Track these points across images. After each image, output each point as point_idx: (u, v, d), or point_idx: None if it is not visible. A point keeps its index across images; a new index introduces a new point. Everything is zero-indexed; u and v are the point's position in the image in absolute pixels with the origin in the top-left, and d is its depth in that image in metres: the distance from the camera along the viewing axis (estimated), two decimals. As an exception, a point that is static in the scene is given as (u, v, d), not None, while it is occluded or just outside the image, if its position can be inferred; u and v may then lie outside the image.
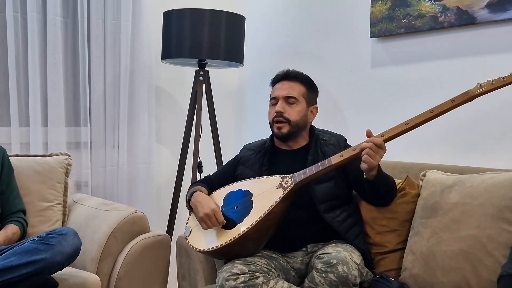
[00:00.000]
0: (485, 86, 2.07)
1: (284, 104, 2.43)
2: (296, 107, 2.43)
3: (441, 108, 2.12)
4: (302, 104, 2.44)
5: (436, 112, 2.12)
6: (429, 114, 2.14)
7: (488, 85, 2.07)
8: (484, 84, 2.07)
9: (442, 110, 2.12)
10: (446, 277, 2.05)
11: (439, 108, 2.12)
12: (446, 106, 2.11)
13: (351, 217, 2.37)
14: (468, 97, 2.09)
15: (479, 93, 2.07)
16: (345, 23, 3.15)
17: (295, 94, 2.44)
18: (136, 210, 2.70)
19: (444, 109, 2.12)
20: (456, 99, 2.11)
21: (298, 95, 2.44)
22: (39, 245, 2.21)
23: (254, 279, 2.13)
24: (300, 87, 2.46)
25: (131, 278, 2.56)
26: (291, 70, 2.50)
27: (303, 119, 2.45)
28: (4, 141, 2.92)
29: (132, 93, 3.42)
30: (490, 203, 2.03)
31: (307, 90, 2.47)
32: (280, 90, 2.46)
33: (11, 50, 3.03)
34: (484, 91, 2.07)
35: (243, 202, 2.30)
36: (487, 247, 1.98)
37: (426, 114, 2.14)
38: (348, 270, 2.04)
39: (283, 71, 2.51)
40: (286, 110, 2.42)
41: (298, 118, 2.43)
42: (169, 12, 3.17)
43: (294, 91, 2.44)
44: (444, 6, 2.60)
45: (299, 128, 2.45)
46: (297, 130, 2.45)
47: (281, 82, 2.48)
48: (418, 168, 2.45)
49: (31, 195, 2.74)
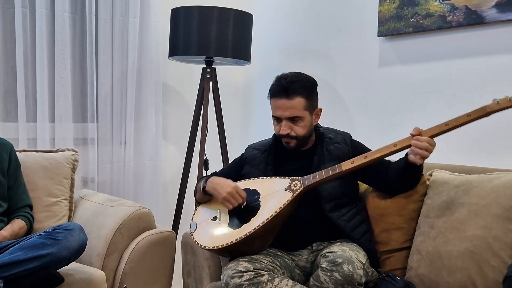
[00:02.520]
0: (503, 103, 2.06)
1: (289, 123, 2.36)
2: (302, 123, 2.37)
3: (457, 122, 2.11)
4: (306, 117, 2.37)
5: (451, 125, 2.12)
6: (444, 127, 2.14)
7: (505, 102, 2.05)
8: (502, 100, 2.06)
9: (458, 124, 2.11)
10: (452, 277, 2.05)
11: (454, 122, 2.12)
12: (461, 121, 2.11)
13: (357, 216, 2.36)
14: (485, 113, 2.08)
15: (496, 110, 2.06)
16: (353, 21, 3.14)
17: (298, 113, 2.35)
18: (142, 207, 2.71)
19: (459, 123, 2.11)
20: (472, 114, 2.09)
21: (301, 112, 2.35)
22: (46, 240, 2.22)
23: (259, 277, 2.13)
24: (301, 101, 2.35)
25: (137, 274, 2.57)
26: (288, 83, 2.35)
27: (309, 129, 2.41)
28: (12, 137, 2.93)
29: (139, 89, 3.42)
30: (497, 203, 2.02)
31: (308, 100, 2.37)
32: (282, 110, 2.36)
33: (19, 46, 3.04)
34: (502, 108, 2.06)
35: (250, 202, 2.30)
36: (494, 248, 1.97)
37: (441, 127, 2.14)
38: (354, 269, 2.04)
39: (280, 84, 2.37)
40: (293, 129, 2.36)
41: (304, 132, 2.39)
42: (177, 9, 3.17)
43: (297, 111, 2.35)
44: (452, 5, 2.59)
45: (306, 138, 2.42)
46: (304, 140, 2.42)
47: (281, 100, 2.36)
48: (425, 167, 2.44)
49: (38, 191, 2.75)
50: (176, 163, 3.62)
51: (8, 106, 3.12)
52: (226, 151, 3.41)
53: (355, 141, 2.48)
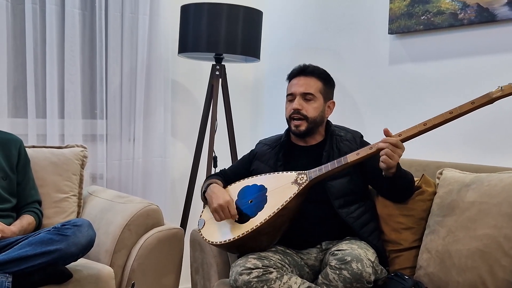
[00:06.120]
0: (506, 89, 2.05)
1: (302, 100, 2.42)
2: (314, 104, 2.42)
3: (461, 110, 2.10)
4: (319, 100, 2.43)
5: (456, 113, 2.11)
6: (448, 115, 2.12)
7: (509, 88, 2.05)
8: (505, 87, 2.06)
9: (462, 111, 2.10)
10: (462, 276, 2.04)
11: (459, 110, 2.11)
12: (465, 108, 2.10)
13: (366, 214, 2.36)
14: (488, 100, 2.07)
15: (500, 96, 2.06)
16: (363, 19, 3.14)
17: (312, 90, 2.42)
18: (151, 203, 2.71)
19: (463, 111, 2.10)
20: (476, 101, 2.09)
21: (315, 91, 2.43)
22: (54, 236, 2.23)
23: (267, 274, 2.14)
24: (317, 83, 2.45)
25: (145, 271, 2.58)
26: (308, 65, 2.48)
27: (320, 115, 2.44)
28: (21, 132, 2.95)
29: (149, 86, 3.43)
30: (508, 202, 2.01)
31: (324, 85, 2.46)
32: (297, 86, 2.44)
33: (29, 42, 3.05)
34: (505, 94, 2.05)
35: (258, 197, 2.30)
36: (504, 247, 1.96)
37: (445, 115, 2.12)
38: (362, 268, 2.04)
39: (300, 65, 2.49)
40: (304, 107, 2.41)
41: (315, 114, 2.42)
42: (186, 6, 3.17)
43: (311, 88, 2.43)
44: (464, 3, 2.58)
45: (316, 124, 2.44)
46: (314, 126, 2.44)
47: (297, 77, 2.47)
48: (435, 166, 2.44)
49: (47, 186, 2.76)
50: (184, 160, 3.63)
51: (18, 102, 3.14)
52: (235, 148, 3.41)
53: (365, 141, 2.48)
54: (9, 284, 2.12)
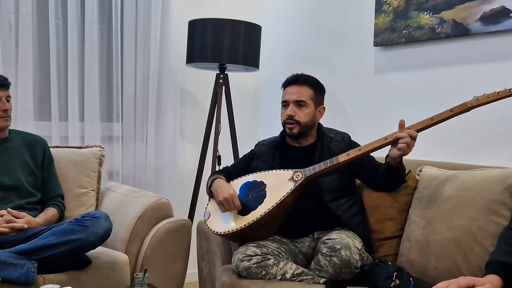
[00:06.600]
0: (481, 99, 2.04)
1: (295, 107, 2.40)
2: (305, 110, 2.41)
3: (441, 117, 2.10)
4: (310, 106, 2.42)
5: (436, 120, 2.11)
6: (429, 121, 2.12)
7: (484, 98, 2.04)
8: (481, 97, 2.05)
9: (442, 118, 2.10)
10: (439, 263, 2.04)
11: (439, 117, 2.11)
12: (445, 115, 2.10)
13: (354, 207, 2.35)
14: (465, 108, 2.07)
15: (475, 105, 2.05)
16: (351, 33, 3.13)
17: (304, 98, 2.40)
18: (162, 197, 2.71)
19: (443, 118, 2.10)
20: (454, 109, 2.09)
21: (307, 99, 2.41)
22: (75, 227, 2.23)
23: (265, 260, 2.13)
24: (309, 91, 2.42)
25: (156, 258, 2.57)
26: (300, 74, 2.46)
27: (311, 120, 2.43)
28: (46, 134, 2.94)
29: (160, 93, 3.43)
30: (480, 197, 2.01)
31: (315, 93, 2.44)
32: (291, 94, 2.42)
33: (52, 53, 3.06)
34: (480, 104, 2.05)
35: (258, 192, 2.29)
36: (477, 237, 1.96)
37: (427, 121, 2.13)
38: (351, 255, 2.04)
39: (293, 75, 2.47)
40: (297, 113, 2.39)
41: (307, 119, 2.41)
42: (193, 21, 3.16)
43: (303, 96, 2.40)
44: (441, 18, 2.57)
45: (308, 128, 2.43)
46: (306, 130, 2.43)
47: (291, 86, 2.44)
48: (415, 164, 2.43)
49: (68, 182, 2.76)
50: (192, 159, 3.62)
51: (43, 107, 3.14)
52: (237, 148, 3.40)
53: (352, 141, 2.47)
54: (35, 270, 2.13)
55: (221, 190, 2.34)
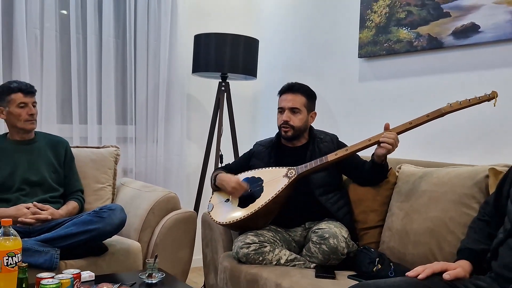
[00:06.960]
0: (454, 105, 2.07)
1: (289, 114, 2.39)
2: (299, 116, 2.40)
3: (418, 121, 2.13)
4: (303, 112, 2.41)
5: (414, 124, 2.13)
6: (408, 125, 2.15)
7: (456, 105, 2.06)
8: (454, 103, 2.07)
9: (419, 122, 2.13)
10: (416, 250, 2.05)
11: (416, 121, 2.13)
12: (422, 120, 2.12)
13: (341, 200, 2.36)
14: (440, 114, 2.09)
15: (449, 111, 2.07)
16: (338, 45, 3.14)
17: (298, 105, 2.39)
18: (170, 192, 2.71)
19: (420, 122, 2.12)
20: (430, 114, 2.10)
21: (301, 106, 2.40)
22: (93, 218, 2.23)
23: (262, 248, 2.14)
24: (302, 98, 2.41)
25: (165, 245, 2.58)
26: (294, 83, 2.46)
27: (304, 124, 2.43)
28: (67, 135, 2.95)
29: (168, 99, 3.43)
30: (452, 191, 2.01)
31: (307, 100, 2.43)
32: (286, 101, 2.41)
33: (73, 63, 3.06)
34: (453, 110, 2.07)
35: (255, 187, 2.30)
36: (450, 226, 1.97)
37: (406, 125, 2.15)
38: (338, 243, 2.05)
39: (288, 84, 2.47)
40: (291, 118, 2.39)
41: (300, 124, 2.41)
42: (198, 35, 3.17)
43: (297, 103, 2.40)
44: (418, 33, 2.59)
45: (301, 131, 2.43)
46: (299, 133, 2.43)
47: (286, 94, 2.43)
48: (395, 162, 2.44)
49: (88, 179, 2.76)
50: (197, 158, 3.63)
51: (65, 111, 3.14)
52: (237, 148, 3.41)
53: (340, 142, 2.48)
54: (58, 256, 2.13)
55: (226, 182, 2.35)
